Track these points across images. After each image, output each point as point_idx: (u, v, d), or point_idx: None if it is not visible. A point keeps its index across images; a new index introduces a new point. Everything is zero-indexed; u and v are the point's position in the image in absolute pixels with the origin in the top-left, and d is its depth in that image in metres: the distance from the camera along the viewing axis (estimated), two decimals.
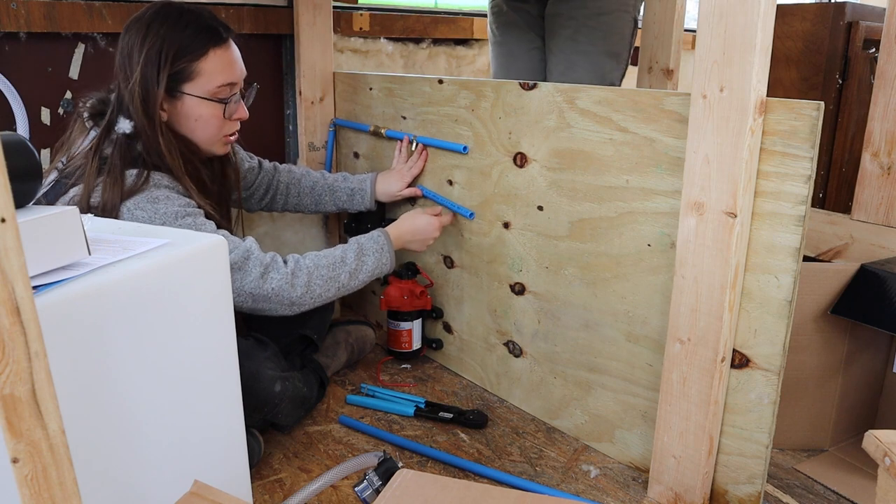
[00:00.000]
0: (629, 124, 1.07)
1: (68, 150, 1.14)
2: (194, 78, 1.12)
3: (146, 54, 1.09)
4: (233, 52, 1.17)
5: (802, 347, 1.18)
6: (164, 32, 1.09)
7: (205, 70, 1.12)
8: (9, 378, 0.46)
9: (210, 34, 1.13)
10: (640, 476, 1.16)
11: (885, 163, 1.39)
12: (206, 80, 1.13)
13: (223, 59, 1.14)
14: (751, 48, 0.85)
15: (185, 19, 1.11)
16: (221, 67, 1.14)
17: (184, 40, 1.10)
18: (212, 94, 1.14)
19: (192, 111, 1.14)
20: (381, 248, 1.27)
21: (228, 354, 0.87)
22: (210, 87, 1.13)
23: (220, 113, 1.16)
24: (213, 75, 1.13)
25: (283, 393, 1.14)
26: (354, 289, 1.23)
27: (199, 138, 1.17)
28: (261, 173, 1.48)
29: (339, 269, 1.20)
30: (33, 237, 0.64)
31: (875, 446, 0.68)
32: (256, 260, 1.11)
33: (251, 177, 1.47)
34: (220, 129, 1.18)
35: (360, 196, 1.50)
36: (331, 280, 1.18)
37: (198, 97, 1.13)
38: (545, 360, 1.30)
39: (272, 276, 1.11)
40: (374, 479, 1.04)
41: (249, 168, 1.46)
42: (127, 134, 1.11)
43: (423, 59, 2.11)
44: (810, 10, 1.84)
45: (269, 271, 1.11)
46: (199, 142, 1.18)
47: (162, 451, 0.78)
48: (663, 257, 1.07)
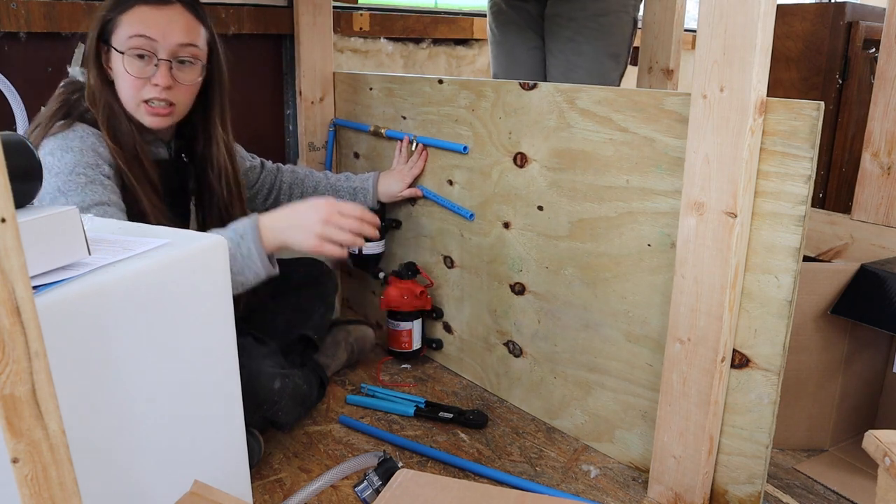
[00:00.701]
0: (629, 124, 1.07)
1: None
2: (116, 30, 1.10)
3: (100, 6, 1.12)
4: (164, 13, 1.10)
5: (802, 347, 1.18)
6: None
7: (124, 21, 1.10)
8: (9, 378, 0.46)
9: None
10: (640, 476, 1.16)
11: (885, 163, 1.39)
12: (123, 32, 1.09)
13: (147, 15, 1.09)
14: (751, 48, 0.85)
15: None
16: (140, 20, 1.09)
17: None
18: (126, 48, 1.09)
19: (114, 65, 1.12)
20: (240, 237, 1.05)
21: (228, 354, 0.87)
22: (123, 39, 1.09)
23: (136, 71, 1.10)
24: (129, 27, 1.09)
25: (283, 390, 1.14)
26: None
27: (123, 97, 1.13)
28: (263, 172, 1.48)
29: None
30: (33, 237, 0.64)
31: (875, 446, 0.68)
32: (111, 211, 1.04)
33: (252, 176, 1.47)
34: (137, 91, 1.11)
35: (363, 195, 1.50)
36: None
37: (116, 50, 1.10)
38: (545, 360, 1.30)
39: None
40: (374, 479, 1.04)
41: (250, 167, 1.46)
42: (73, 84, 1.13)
43: (423, 59, 2.11)
44: (810, 10, 1.84)
45: None
46: (124, 102, 1.13)
47: (162, 450, 0.78)
48: (663, 257, 1.07)
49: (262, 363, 1.11)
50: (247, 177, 1.45)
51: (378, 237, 1.23)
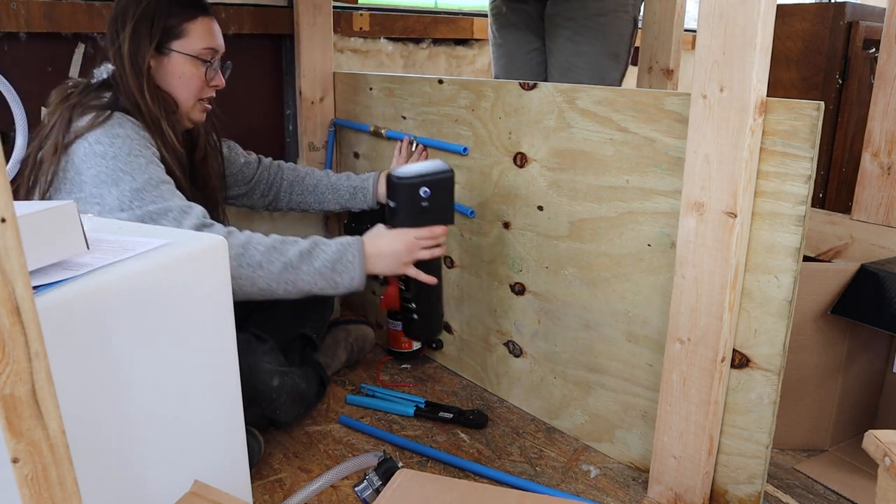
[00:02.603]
0: (629, 124, 1.07)
1: None
2: (183, 36, 1.18)
3: (142, 11, 1.14)
4: (216, 25, 1.23)
5: (802, 347, 1.18)
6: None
7: (192, 30, 1.18)
8: (9, 378, 0.46)
9: (198, 4, 1.20)
10: (640, 476, 1.16)
11: (885, 163, 1.39)
12: (193, 41, 1.18)
13: (209, 26, 1.21)
14: (751, 48, 0.85)
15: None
16: (206, 31, 1.20)
17: (176, 3, 1.17)
18: (197, 54, 1.19)
19: (177, 68, 1.19)
20: (348, 245, 1.13)
21: (228, 354, 0.87)
22: (196, 48, 1.19)
23: (202, 74, 1.21)
24: (200, 37, 1.19)
25: (282, 387, 1.14)
26: (310, 278, 1.08)
27: (179, 97, 1.21)
28: (259, 168, 1.48)
29: (288, 245, 1.08)
30: (31, 232, 0.64)
31: (875, 446, 0.68)
32: (196, 216, 1.05)
33: (249, 171, 1.46)
34: (199, 91, 1.22)
35: (363, 194, 1.50)
36: (274, 250, 1.06)
37: (184, 54, 1.18)
38: (545, 360, 1.30)
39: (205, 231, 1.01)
40: (374, 479, 1.04)
41: (246, 163, 1.46)
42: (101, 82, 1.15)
43: (423, 59, 2.11)
44: (810, 10, 1.84)
45: (204, 228, 1.04)
46: (179, 101, 1.21)
47: (162, 450, 0.78)
48: (663, 257, 1.07)
49: (261, 360, 1.11)
50: (242, 173, 1.45)
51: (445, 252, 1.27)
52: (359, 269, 1.12)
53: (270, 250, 1.06)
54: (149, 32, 1.15)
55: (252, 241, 1.06)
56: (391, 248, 1.16)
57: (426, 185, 1.16)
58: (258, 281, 1.05)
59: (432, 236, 1.19)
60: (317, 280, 1.09)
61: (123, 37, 1.14)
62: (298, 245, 1.09)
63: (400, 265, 1.17)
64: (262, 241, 1.07)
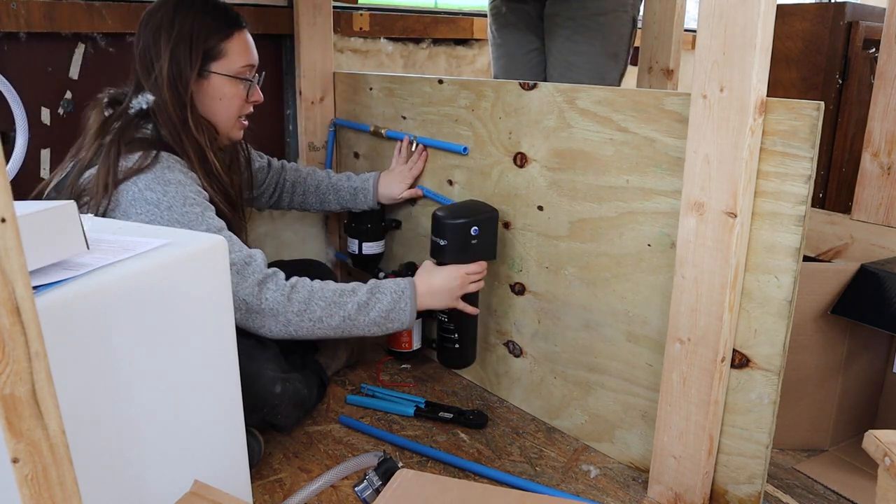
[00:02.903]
0: (629, 124, 1.07)
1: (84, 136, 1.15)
2: (222, 57, 1.17)
3: (177, 35, 1.12)
4: (250, 37, 1.22)
5: (802, 347, 1.18)
6: (192, 15, 1.14)
7: (231, 50, 1.17)
8: (9, 378, 0.46)
9: (232, 18, 1.19)
10: (640, 476, 1.16)
11: (885, 163, 1.39)
12: (233, 60, 1.18)
13: (245, 42, 1.20)
14: (751, 48, 0.85)
15: (209, 4, 1.17)
16: (244, 48, 1.20)
17: (212, 22, 1.15)
18: (237, 73, 1.19)
19: (218, 90, 1.18)
20: (402, 290, 1.16)
21: (228, 354, 0.87)
22: (236, 67, 1.18)
23: (243, 94, 1.21)
24: (239, 55, 1.19)
25: (284, 394, 1.14)
26: (365, 327, 1.13)
27: (220, 119, 1.20)
28: (270, 172, 1.49)
29: (347, 298, 1.11)
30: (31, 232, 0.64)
31: (875, 446, 0.68)
32: (258, 267, 1.07)
33: (261, 176, 1.47)
34: (239, 110, 1.22)
35: (364, 195, 1.50)
36: (334, 305, 1.10)
37: (225, 76, 1.17)
38: (545, 360, 1.30)
39: (269, 286, 1.06)
40: (374, 479, 1.04)
41: (259, 167, 1.47)
42: (140, 112, 1.12)
43: (423, 59, 2.11)
44: (810, 10, 1.84)
45: (267, 281, 1.06)
46: (220, 122, 1.21)
47: (162, 450, 0.78)
48: (663, 257, 1.07)
49: (263, 366, 1.11)
50: (256, 177, 1.45)
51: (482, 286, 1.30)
52: (410, 314, 1.17)
53: (331, 305, 1.10)
54: (188, 58, 1.13)
55: (313, 296, 1.09)
56: (446, 284, 1.21)
57: (476, 225, 1.23)
58: (316, 332, 1.10)
59: (481, 271, 1.25)
60: (371, 328, 1.15)
61: (160, 66, 1.12)
62: (357, 296, 1.12)
63: (452, 299, 1.22)
64: (324, 296, 1.10)
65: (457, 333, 1.32)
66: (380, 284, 1.16)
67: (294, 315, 1.07)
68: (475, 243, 1.24)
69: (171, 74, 1.12)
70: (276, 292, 1.06)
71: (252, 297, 1.05)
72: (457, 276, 1.22)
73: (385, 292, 1.15)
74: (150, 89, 1.13)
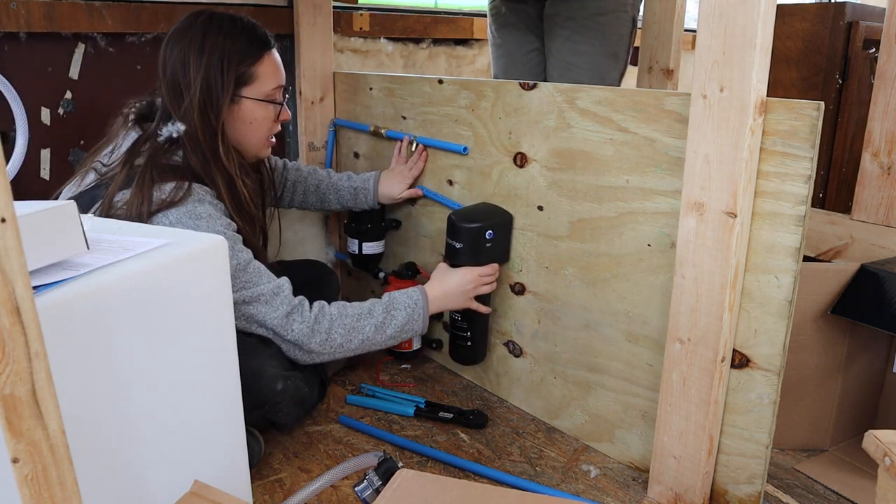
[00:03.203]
0: (629, 124, 1.07)
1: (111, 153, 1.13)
2: (253, 81, 1.15)
3: (207, 63, 1.10)
4: (279, 58, 1.20)
5: (802, 347, 1.18)
6: (221, 39, 1.11)
7: (262, 73, 1.16)
8: (9, 378, 0.46)
9: (262, 39, 1.17)
10: (640, 476, 1.16)
11: (885, 163, 1.39)
12: (264, 83, 1.16)
13: (275, 63, 1.19)
14: (751, 48, 0.85)
15: (237, 26, 1.14)
16: (274, 70, 1.18)
17: (242, 45, 1.13)
18: (267, 97, 1.18)
19: (248, 114, 1.17)
20: (415, 303, 1.21)
21: (228, 354, 0.87)
22: (266, 90, 1.17)
23: (273, 115, 1.20)
24: (269, 78, 1.17)
25: (285, 392, 1.14)
26: (382, 344, 1.19)
27: (249, 142, 1.19)
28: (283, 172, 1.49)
29: (364, 321, 1.16)
30: (31, 232, 0.64)
31: (875, 446, 0.68)
32: (285, 298, 1.11)
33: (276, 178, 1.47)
34: (269, 131, 1.22)
35: (364, 195, 1.50)
36: (353, 330, 1.15)
37: (256, 100, 1.16)
38: (545, 360, 1.30)
39: (295, 318, 1.11)
40: (374, 479, 1.04)
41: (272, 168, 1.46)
42: (171, 139, 1.10)
43: (423, 59, 2.11)
44: (810, 10, 1.84)
45: (293, 313, 1.11)
46: (249, 145, 1.20)
47: (162, 450, 0.78)
48: (663, 257, 1.07)
49: (265, 364, 1.11)
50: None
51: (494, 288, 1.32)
52: (423, 322, 1.22)
53: (350, 331, 1.15)
54: (220, 86, 1.11)
55: (334, 325, 1.14)
56: (460, 287, 1.25)
57: (491, 229, 1.26)
58: (336, 356, 1.16)
59: (494, 272, 1.28)
60: (387, 342, 1.20)
61: (191, 95, 1.10)
62: (373, 318, 1.17)
63: (465, 301, 1.27)
64: (343, 323, 1.14)
65: (469, 332, 1.34)
66: (394, 300, 1.20)
67: (317, 345, 1.13)
68: (489, 246, 1.27)
69: (202, 104, 1.10)
70: (301, 324, 1.11)
71: (280, 328, 1.11)
72: (470, 280, 1.25)
73: (399, 308, 1.20)
74: (179, 118, 1.11)
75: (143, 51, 1.53)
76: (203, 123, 1.11)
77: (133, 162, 1.09)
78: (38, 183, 1.45)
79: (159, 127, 1.12)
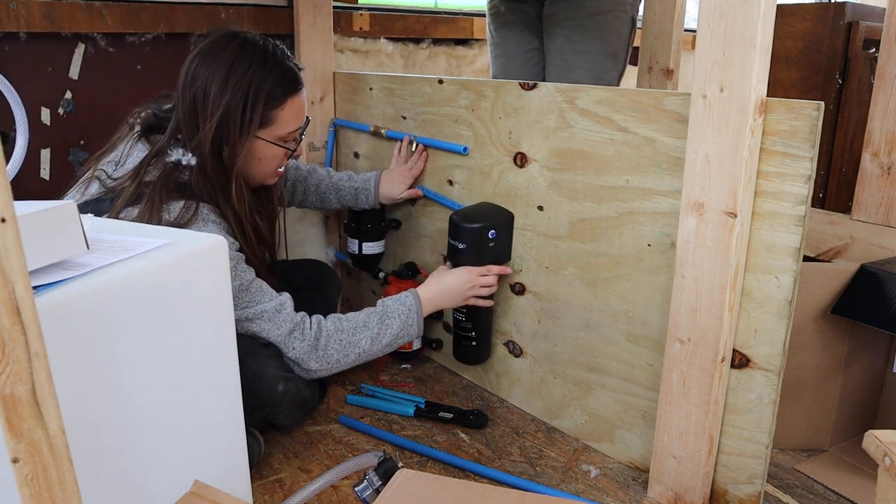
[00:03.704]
0: (629, 124, 1.07)
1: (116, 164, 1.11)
2: (272, 125, 1.12)
3: (231, 98, 1.06)
4: (304, 98, 1.16)
5: (802, 347, 1.18)
6: (250, 76, 1.07)
7: (281, 118, 1.12)
8: (9, 378, 0.46)
9: (291, 81, 1.12)
10: (640, 476, 1.16)
11: (885, 163, 1.39)
12: (280, 127, 1.13)
13: (297, 107, 1.14)
14: (751, 48, 0.85)
15: (268, 62, 1.09)
16: (295, 115, 1.14)
17: (269, 87, 1.09)
18: (281, 140, 1.15)
19: (258, 152, 1.14)
20: (409, 309, 1.21)
21: (228, 354, 0.87)
22: (282, 133, 1.14)
23: (284, 154, 1.18)
24: (288, 122, 1.13)
25: (286, 393, 1.14)
26: (379, 353, 1.20)
27: (254, 174, 1.17)
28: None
29: (360, 334, 1.17)
30: (31, 232, 0.64)
31: (875, 446, 0.68)
32: (287, 316, 1.11)
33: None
34: (279, 166, 1.19)
35: (365, 195, 1.50)
36: (350, 345, 1.16)
37: (268, 141, 1.13)
38: (545, 360, 1.30)
39: (296, 337, 1.12)
40: (374, 479, 1.04)
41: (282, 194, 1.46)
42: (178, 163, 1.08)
43: (423, 59, 2.11)
44: (810, 10, 1.84)
45: (295, 331, 1.12)
46: (254, 177, 1.18)
47: (162, 450, 0.78)
48: (663, 257, 1.07)
49: (265, 365, 1.11)
50: None
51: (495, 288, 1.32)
52: (418, 327, 1.23)
53: (347, 346, 1.16)
54: (239, 126, 1.07)
55: (330, 343, 1.14)
56: (456, 287, 1.26)
57: (494, 228, 1.26)
58: (333, 370, 1.17)
59: (489, 273, 1.28)
60: (383, 351, 1.21)
61: (208, 128, 1.06)
62: (368, 330, 1.18)
63: (462, 300, 1.27)
64: (340, 338, 1.15)
65: (474, 332, 1.34)
66: (388, 309, 1.21)
67: (315, 362, 1.14)
68: (492, 246, 1.27)
69: (216, 139, 1.07)
70: (302, 343, 1.12)
71: (281, 345, 1.12)
72: (467, 280, 1.26)
73: (393, 317, 1.20)
74: (191, 148, 1.08)
75: (143, 51, 1.53)
76: (214, 160, 1.08)
77: (142, 179, 1.06)
78: (38, 183, 1.45)
79: (170, 146, 1.08)
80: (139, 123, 1.15)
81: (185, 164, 1.07)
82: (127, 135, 1.15)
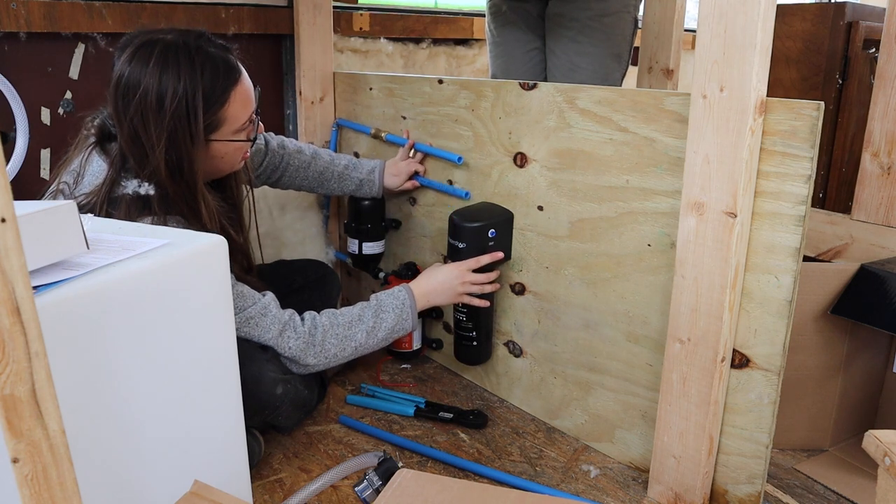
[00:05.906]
0: (629, 124, 1.07)
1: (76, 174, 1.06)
2: (220, 126, 1.06)
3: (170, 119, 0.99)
4: (247, 82, 1.09)
5: (802, 347, 1.18)
6: (182, 88, 0.99)
7: (229, 115, 1.06)
8: (9, 378, 0.46)
9: (226, 74, 1.04)
10: (640, 476, 1.16)
11: (885, 163, 1.39)
12: (231, 123, 1.07)
13: (243, 95, 1.07)
14: (751, 48, 0.85)
15: (197, 63, 1.01)
16: (242, 104, 1.08)
17: (205, 90, 1.01)
18: (237, 132, 1.10)
19: (217, 153, 1.09)
20: (402, 303, 1.22)
21: (228, 354, 0.87)
22: (236, 127, 1.09)
23: (245, 146, 1.14)
24: (237, 115, 1.08)
25: (285, 396, 1.14)
26: (375, 347, 1.21)
27: (221, 169, 1.14)
28: (268, 154, 1.43)
29: (355, 328, 1.18)
30: (31, 232, 0.64)
31: (875, 446, 0.68)
32: (274, 318, 1.11)
33: (258, 158, 1.41)
34: (243, 155, 1.15)
35: (369, 186, 1.50)
36: (346, 339, 1.17)
37: (224, 140, 1.09)
38: (545, 360, 1.30)
39: (289, 335, 1.12)
40: (374, 479, 1.04)
41: (256, 150, 1.41)
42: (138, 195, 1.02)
43: (423, 59, 2.11)
44: (810, 10, 1.84)
45: (286, 330, 1.12)
46: (220, 171, 1.15)
47: (162, 451, 0.78)
48: (663, 257, 1.07)
49: (264, 367, 1.11)
50: (252, 160, 1.40)
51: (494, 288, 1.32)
52: (413, 321, 1.24)
53: (342, 340, 1.17)
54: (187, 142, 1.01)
55: (327, 337, 1.15)
56: (447, 282, 1.26)
57: (493, 227, 1.27)
58: (330, 364, 1.18)
59: (478, 264, 1.27)
60: (379, 345, 1.22)
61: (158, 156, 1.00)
62: (363, 324, 1.19)
63: (455, 296, 1.27)
64: (335, 333, 1.16)
65: (475, 332, 1.35)
66: (382, 303, 1.22)
67: (311, 358, 1.14)
68: (492, 245, 1.28)
69: (168, 163, 1.01)
70: (296, 341, 1.13)
71: (275, 346, 1.12)
72: (457, 275, 1.26)
73: (388, 310, 1.21)
74: (145, 177, 1.02)
75: None
76: (174, 182, 1.02)
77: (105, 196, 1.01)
78: (38, 183, 1.45)
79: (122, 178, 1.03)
80: (93, 134, 1.09)
81: (144, 193, 1.02)
82: (83, 144, 1.09)
